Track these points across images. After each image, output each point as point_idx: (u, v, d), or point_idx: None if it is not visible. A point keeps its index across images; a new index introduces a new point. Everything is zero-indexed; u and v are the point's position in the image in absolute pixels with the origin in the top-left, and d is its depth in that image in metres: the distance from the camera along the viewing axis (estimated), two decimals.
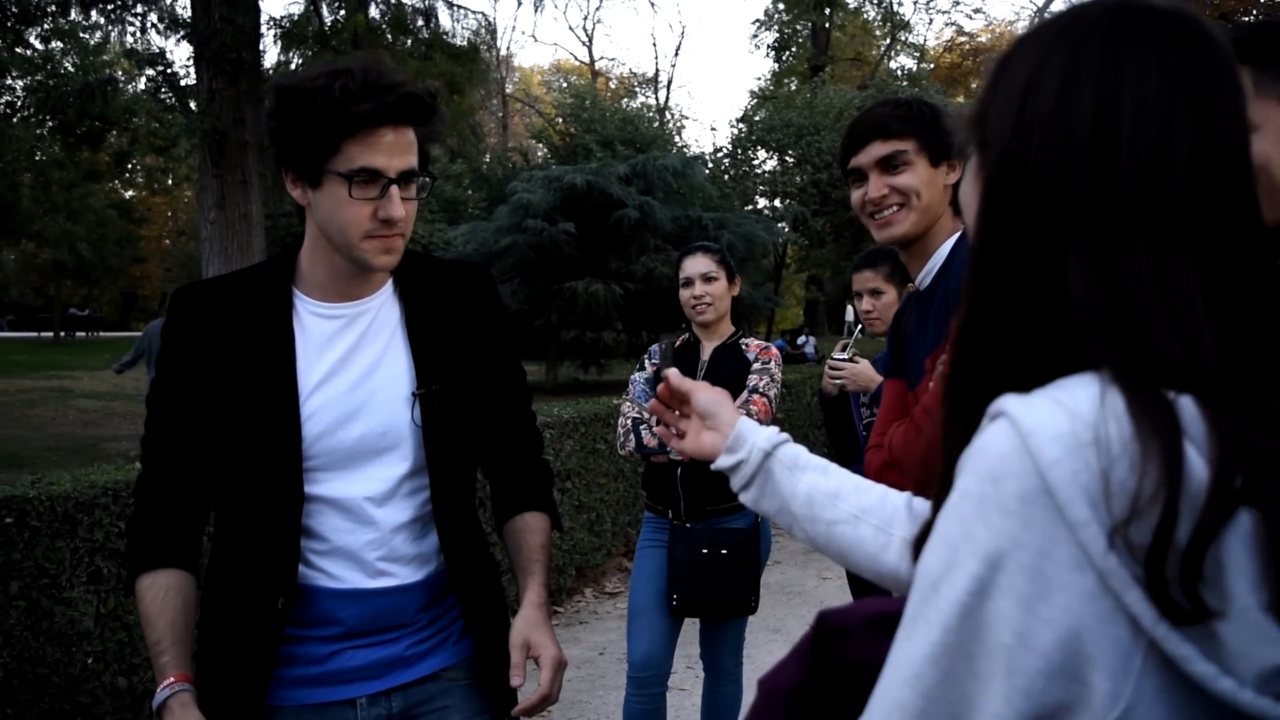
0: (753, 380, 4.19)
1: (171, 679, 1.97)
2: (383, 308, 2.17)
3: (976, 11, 71.19)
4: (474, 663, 2.21)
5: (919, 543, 1.03)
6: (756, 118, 30.66)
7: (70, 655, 4.23)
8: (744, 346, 4.36)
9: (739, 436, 1.62)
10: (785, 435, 1.62)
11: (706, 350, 4.40)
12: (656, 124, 30.87)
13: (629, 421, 4.32)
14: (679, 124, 44.39)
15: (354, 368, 2.10)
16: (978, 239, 1.03)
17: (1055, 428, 0.86)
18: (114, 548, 4.39)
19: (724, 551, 4.16)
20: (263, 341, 2.07)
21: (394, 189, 1.97)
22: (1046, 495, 0.84)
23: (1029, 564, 0.84)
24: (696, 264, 4.36)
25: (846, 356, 4.35)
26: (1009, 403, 0.90)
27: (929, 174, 2.42)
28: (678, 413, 1.77)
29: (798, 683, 1.14)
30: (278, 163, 2.05)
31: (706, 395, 1.70)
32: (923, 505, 1.48)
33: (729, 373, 4.23)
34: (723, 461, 1.63)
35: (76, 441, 14.94)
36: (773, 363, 4.28)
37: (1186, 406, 0.87)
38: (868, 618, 1.13)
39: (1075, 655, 0.84)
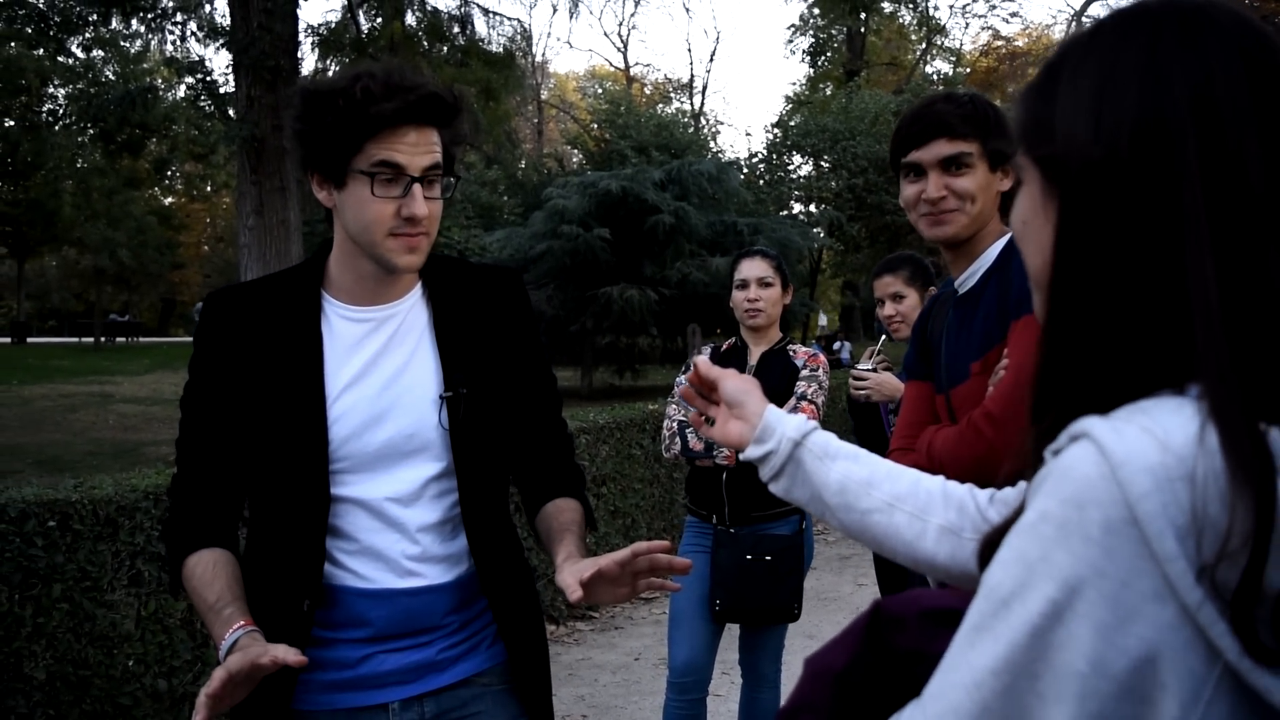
0: (800, 387, 4.17)
1: (241, 623, 1.94)
2: (411, 311, 2.17)
3: (1013, 15, 70.76)
4: (507, 668, 2.19)
5: (986, 549, 1.01)
6: (791, 123, 30.62)
7: (111, 658, 4.27)
8: (791, 353, 4.34)
9: (767, 426, 1.60)
10: (814, 423, 1.60)
11: (754, 355, 4.37)
12: (691, 129, 30.87)
13: (675, 425, 4.30)
14: (714, 129, 44.38)
15: (382, 371, 2.10)
16: (1058, 252, 0.99)
17: (1146, 459, 0.84)
18: (155, 551, 4.43)
19: (768, 558, 4.14)
20: (292, 344, 2.08)
21: (416, 187, 1.99)
22: (1133, 527, 0.83)
23: (1110, 593, 0.83)
24: (754, 267, 4.35)
25: (870, 366, 4.33)
26: (1095, 427, 0.88)
27: (987, 179, 2.38)
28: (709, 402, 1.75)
29: (847, 665, 1.14)
30: (303, 166, 2.07)
31: (734, 383, 1.68)
32: (959, 492, 1.47)
33: (776, 379, 4.20)
34: (752, 452, 1.61)
35: (117, 446, 15.09)
36: (821, 370, 4.25)
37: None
38: (924, 610, 1.13)
39: (1148, 680, 0.84)
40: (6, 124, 37.93)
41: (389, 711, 2.09)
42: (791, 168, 29.76)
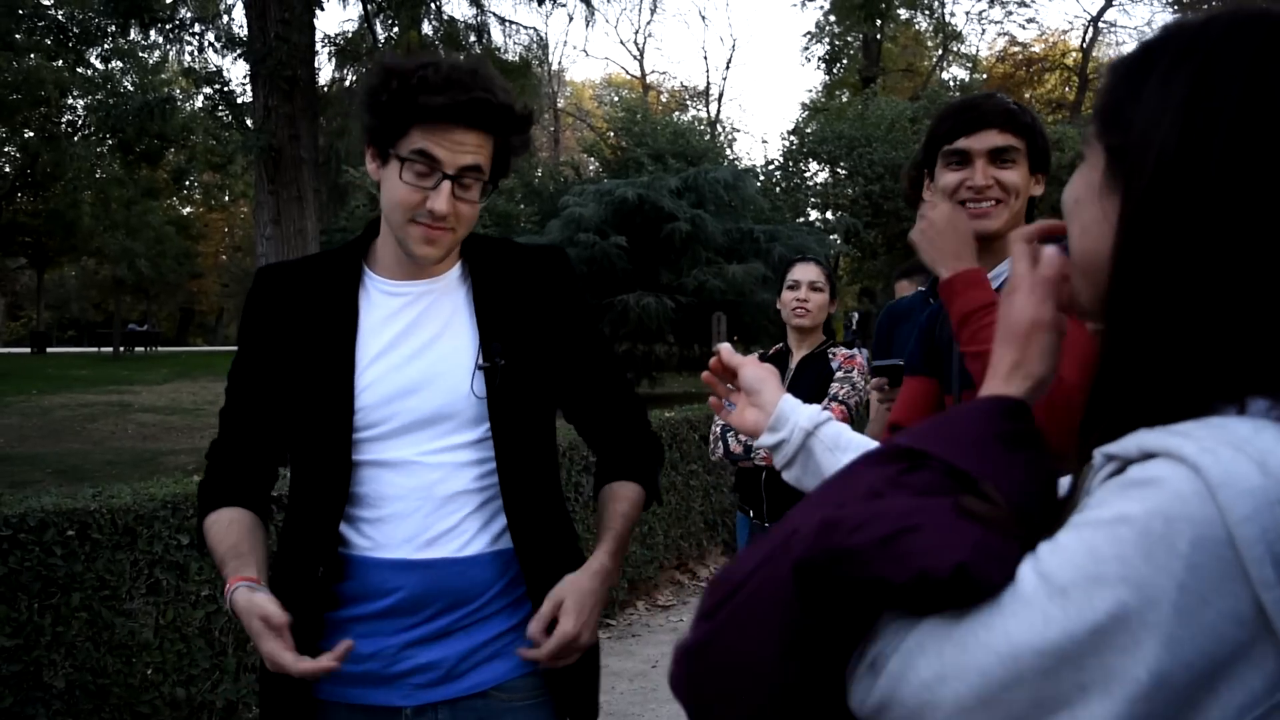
0: (834, 389, 4.37)
1: (239, 578, 1.99)
2: (450, 286, 2.21)
3: (1030, 21, 70.59)
4: (536, 679, 2.13)
5: None
6: (808, 130, 30.59)
7: (130, 666, 4.29)
8: (831, 356, 4.55)
9: (781, 415, 1.64)
10: (828, 414, 1.64)
11: (795, 359, 4.62)
12: (708, 137, 30.86)
13: (718, 429, 4.61)
14: (731, 137, 44.41)
15: (415, 340, 2.13)
16: (1123, 248, 0.98)
17: (1248, 482, 0.83)
18: (173, 560, 4.44)
19: None
20: (329, 315, 2.14)
21: (446, 184, 2.02)
22: (1228, 549, 0.82)
23: (1188, 609, 0.82)
24: (807, 271, 4.64)
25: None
26: (1183, 448, 0.86)
27: (1026, 179, 2.37)
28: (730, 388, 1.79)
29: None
30: (366, 134, 2.11)
31: (751, 371, 1.73)
32: None
33: (812, 381, 4.43)
34: (765, 439, 1.65)
35: (136, 455, 15.13)
36: (855, 372, 4.44)
37: None
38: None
39: (1202, 691, 0.84)
40: (26, 135, 38.18)
41: (402, 716, 2.08)
42: (808, 175, 29.73)
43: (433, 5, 17.10)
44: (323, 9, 14.75)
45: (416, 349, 2.13)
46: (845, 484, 1.02)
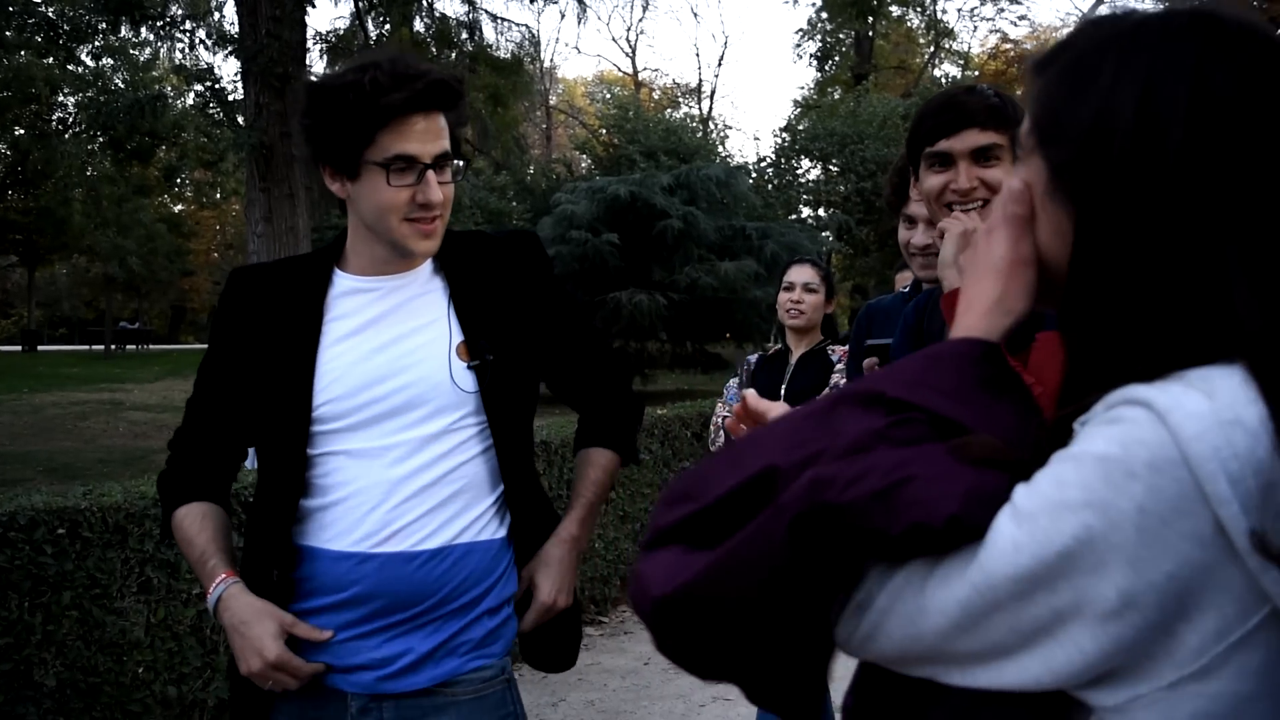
0: (834, 379, 4.43)
1: (223, 575, 2.09)
2: (423, 280, 2.22)
3: (1021, 19, 70.40)
4: (489, 673, 2.15)
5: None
6: (800, 127, 30.58)
7: (121, 665, 4.28)
8: (830, 353, 4.61)
9: None
10: None
11: (794, 356, 4.69)
12: (700, 134, 30.83)
13: (720, 421, 4.80)
14: (723, 134, 44.29)
15: (384, 332, 2.15)
16: (1083, 243, 1.01)
17: (1195, 405, 0.87)
18: (164, 558, 4.43)
19: None
20: (295, 311, 2.16)
21: (430, 174, 2.04)
22: (1182, 468, 0.85)
23: (1148, 529, 0.85)
24: (802, 273, 4.72)
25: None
26: (1137, 390, 0.91)
27: (1009, 173, 2.35)
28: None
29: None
30: (314, 160, 2.12)
31: (781, 414, 1.70)
32: None
33: (812, 377, 4.51)
34: None
35: (127, 453, 15.10)
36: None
37: None
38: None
39: (1174, 615, 0.87)
40: (17, 132, 38.03)
41: (347, 710, 2.08)
42: (800, 172, 29.72)
43: (424, 2, 17.08)
44: (314, 6, 14.71)
45: (386, 340, 2.14)
46: (825, 426, 1.02)
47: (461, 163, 2.19)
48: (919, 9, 43.94)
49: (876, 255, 29.11)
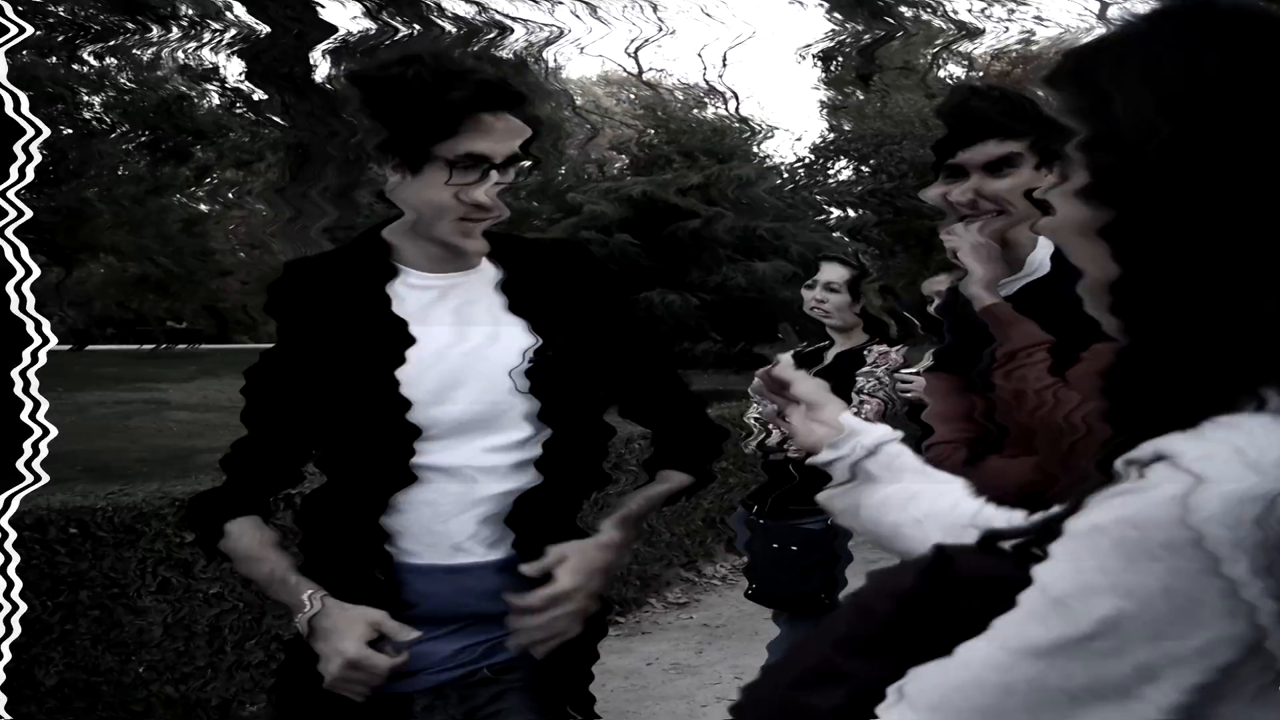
0: (859, 383, 4.36)
1: (310, 590, 1.97)
2: (481, 280, 2.13)
3: (1036, 19, 69.83)
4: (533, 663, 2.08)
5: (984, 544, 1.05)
6: (846, 126, 30.31)
7: (125, 664, 4.31)
8: (867, 353, 4.50)
9: (846, 431, 1.59)
10: (894, 435, 1.57)
11: (831, 353, 4.62)
12: (744, 135, 30.70)
13: (753, 420, 4.66)
14: (767, 134, 43.93)
15: (455, 334, 2.07)
16: (1127, 261, 0.97)
17: (1219, 476, 0.83)
18: (180, 558, 4.46)
19: (794, 547, 4.34)
20: (362, 313, 2.06)
21: (493, 174, 1.98)
22: (1197, 549, 0.82)
23: (1180, 607, 0.84)
24: (826, 272, 4.66)
25: (916, 370, 4.36)
26: (1176, 446, 0.87)
27: (1028, 179, 2.24)
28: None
29: (912, 589, 1.11)
30: (382, 149, 2.03)
31: (812, 386, 1.66)
32: (991, 511, 1.45)
33: (840, 377, 4.34)
34: (825, 455, 1.58)
35: (172, 453, 15.05)
36: (883, 368, 4.41)
37: None
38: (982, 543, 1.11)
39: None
40: (64, 132, 38.19)
41: (413, 707, 2.04)
42: (832, 172, 29.56)
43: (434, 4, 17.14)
44: (323, 6, 14.73)
45: (459, 347, 2.07)
46: None
47: (527, 163, 2.11)
48: (930, 10, 43.57)
49: (903, 256, 28.96)
